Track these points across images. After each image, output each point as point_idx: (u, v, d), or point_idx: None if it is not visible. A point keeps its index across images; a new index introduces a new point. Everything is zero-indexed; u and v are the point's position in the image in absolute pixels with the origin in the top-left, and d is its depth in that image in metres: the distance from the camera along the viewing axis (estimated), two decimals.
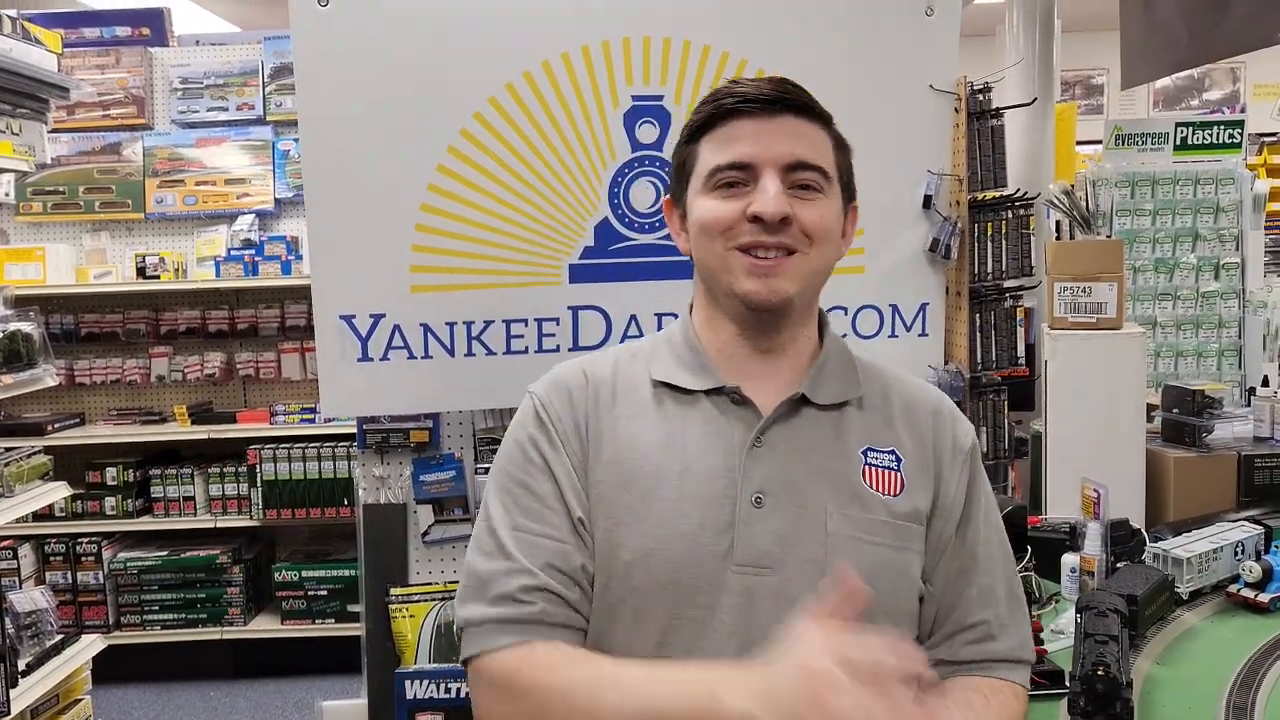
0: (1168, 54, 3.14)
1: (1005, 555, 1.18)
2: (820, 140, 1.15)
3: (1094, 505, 1.95)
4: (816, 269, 1.12)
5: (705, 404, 1.13)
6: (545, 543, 1.08)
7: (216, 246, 3.92)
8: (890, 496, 1.11)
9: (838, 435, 1.13)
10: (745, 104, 1.12)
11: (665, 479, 1.09)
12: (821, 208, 1.11)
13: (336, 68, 2.10)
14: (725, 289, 1.12)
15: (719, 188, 1.11)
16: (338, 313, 2.15)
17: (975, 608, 1.13)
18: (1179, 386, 2.37)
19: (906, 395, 1.18)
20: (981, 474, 1.19)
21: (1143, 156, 3.57)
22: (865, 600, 0.92)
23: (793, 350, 1.15)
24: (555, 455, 1.11)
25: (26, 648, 2.52)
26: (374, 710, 2.28)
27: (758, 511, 1.07)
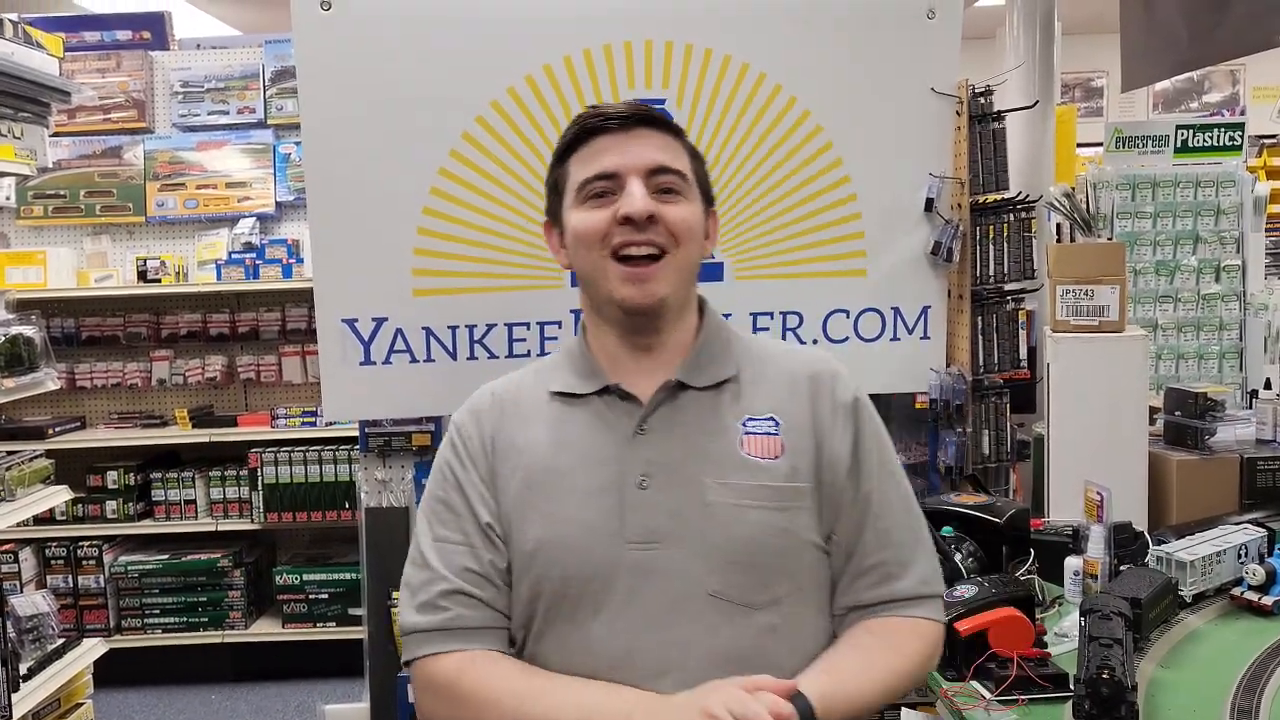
0: (1168, 56, 3.14)
1: (902, 498, 1.28)
2: (676, 149, 1.26)
3: (1097, 508, 1.95)
4: (684, 267, 1.23)
5: (595, 403, 1.25)
6: (459, 549, 1.22)
7: (217, 250, 3.92)
8: (771, 460, 1.21)
9: (717, 412, 1.24)
10: (606, 122, 1.23)
11: (561, 475, 1.22)
12: (683, 208, 1.23)
13: (338, 71, 2.11)
14: (604, 296, 1.23)
15: (589, 199, 1.22)
16: (340, 316, 2.15)
17: (873, 550, 1.23)
18: (1181, 389, 2.37)
19: (785, 365, 1.29)
20: (869, 425, 1.28)
21: (1143, 159, 3.58)
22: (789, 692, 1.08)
23: (673, 343, 1.26)
24: (464, 472, 1.26)
25: (28, 652, 2.52)
26: (376, 713, 2.28)
27: (644, 493, 1.19)
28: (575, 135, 1.25)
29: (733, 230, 2.22)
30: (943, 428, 2.34)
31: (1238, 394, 3.17)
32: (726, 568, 1.17)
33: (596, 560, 1.18)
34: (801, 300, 2.26)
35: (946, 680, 1.55)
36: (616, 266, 1.20)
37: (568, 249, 1.27)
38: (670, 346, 1.26)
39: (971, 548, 1.86)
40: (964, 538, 1.88)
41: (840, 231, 2.26)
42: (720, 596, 1.16)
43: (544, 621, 1.20)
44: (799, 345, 1.40)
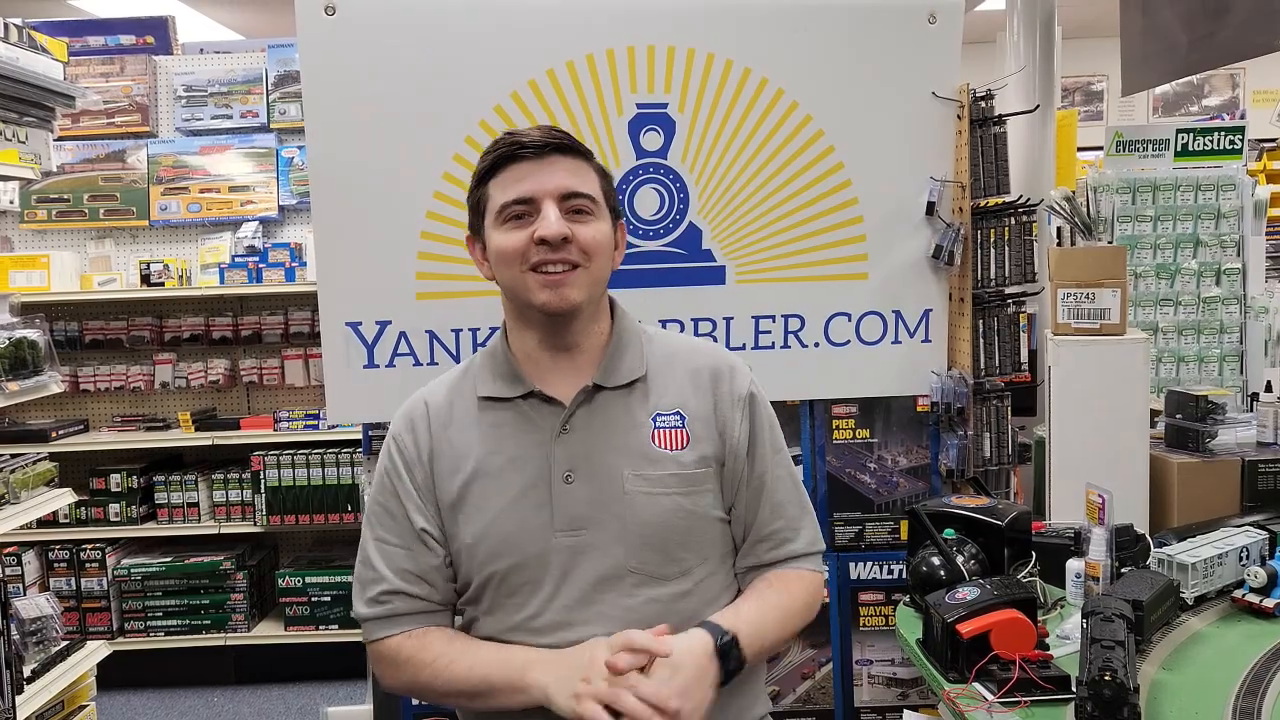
0: (1167, 60, 3.14)
1: (790, 475, 1.48)
2: (585, 172, 1.38)
3: (1098, 511, 1.95)
4: (596, 278, 1.37)
5: (521, 406, 1.39)
6: (397, 551, 1.40)
7: (220, 253, 3.93)
8: (678, 451, 1.38)
9: (629, 409, 1.39)
10: (522, 149, 1.35)
11: (493, 474, 1.37)
12: (593, 228, 1.36)
13: (342, 76, 2.12)
14: (525, 303, 1.36)
15: (509, 220, 1.35)
16: (344, 320, 2.16)
17: (769, 520, 1.44)
18: (1182, 392, 2.37)
19: (689, 362, 1.44)
20: (761, 413, 1.45)
21: (1143, 163, 3.58)
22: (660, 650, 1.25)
23: (587, 345, 1.40)
24: (401, 480, 1.41)
25: (31, 654, 2.52)
26: (378, 716, 2.28)
27: (568, 486, 1.36)
28: (494, 161, 1.36)
29: (734, 234, 2.23)
30: (944, 430, 2.35)
31: (1238, 397, 3.18)
32: (642, 548, 1.35)
33: (530, 548, 1.35)
34: (803, 303, 2.27)
35: (949, 682, 1.56)
36: (535, 276, 1.33)
37: (490, 263, 1.40)
38: (585, 348, 1.40)
39: (973, 550, 1.87)
40: (966, 540, 1.89)
41: (842, 235, 2.26)
42: (638, 571, 1.35)
43: (489, 602, 1.39)
44: (699, 340, 1.57)
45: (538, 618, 1.36)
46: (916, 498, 2.34)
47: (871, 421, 2.37)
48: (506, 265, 1.35)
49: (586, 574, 1.35)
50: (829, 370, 2.31)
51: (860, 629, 2.42)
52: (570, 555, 1.35)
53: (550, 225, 1.31)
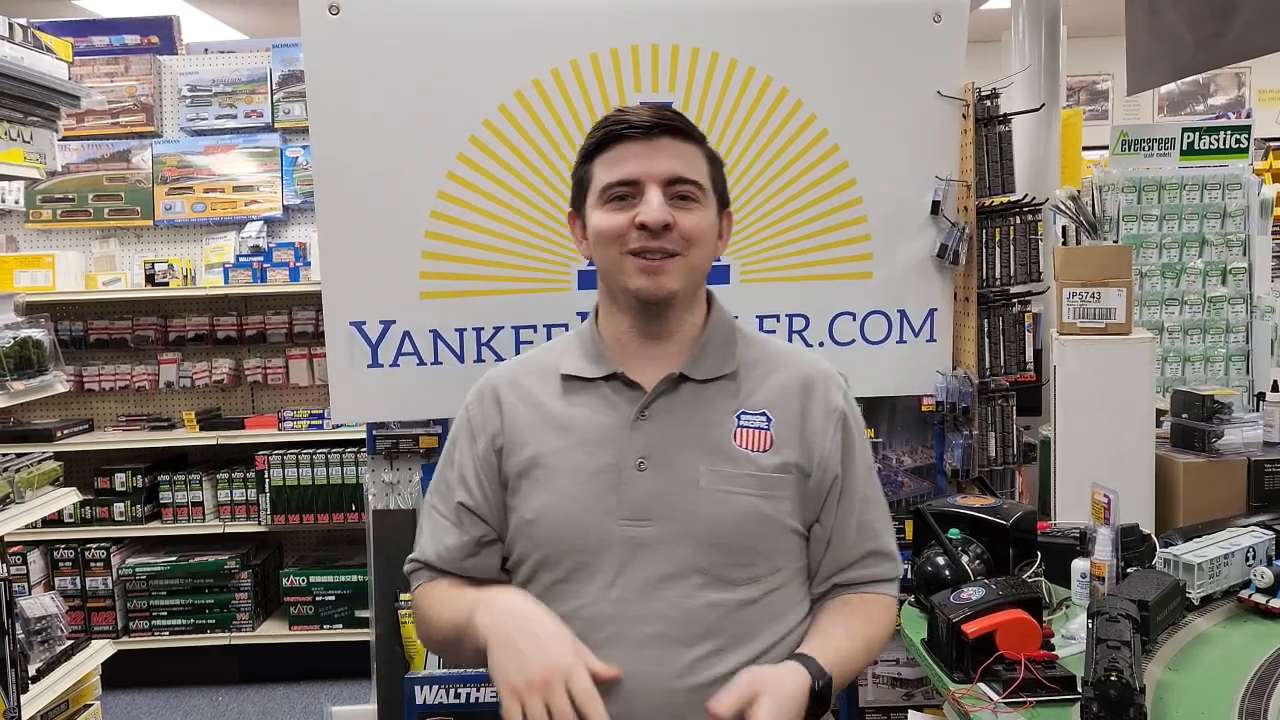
0: (1173, 60, 3.13)
1: (878, 496, 1.43)
2: (695, 157, 1.34)
3: (1104, 510, 1.95)
4: (696, 267, 1.33)
5: (603, 388, 1.35)
6: (441, 523, 1.41)
7: (225, 253, 3.93)
8: (759, 452, 1.33)
9: (713, 404, 1.34)
10: (629, 129, 1.31)
11: (565, 454, 1.33)
12: (698, 215, 1.32)
13: (347, 75, 2.12)
14: (621, 287, 1.33)
15: (611, 201, 1.31)
16: (348, 319, 2.16)
17: (858, 541, 1.38)
18: (1188, 391, 2.37)
19: (783, 365, 1.40)
20: (854, 428, 1.40)
21: (1149, 162, 3.57)
22: None
23: (679, 335, 1.36)
24: (463, 450, 1.41)
25: (36, 653, 2.53)
26: (383, 715, 2.28)
27: (640, 474, 1.30)
28: (600, 140, 1.33)
29: (739, 233, 2.23)
30: (949, 430, 2.34)
31: (1244, 396, 3.17)
32: (711, 547, 1.29)
33: (590, 533, 1.30)
34: (807, 303, 2.27)
35: (954, 682, 1.55)
36: (633, 260, 1.30)
37: (589, 241, 1.36)
38: (677, 338, 1.36)
39: (978, 550, 1.87)
40: (971, 540, 1.88)
41: (846, 234, 2.26)
42: (704, 572, 1.28)
43: (542, 585, 1.33)
44: (801, 348, 1.52)
45: (590, 607, 1.29)
46: (921, 497, 2.34)
47: (876, 421, 2.36)
48: (604, 246, 1.32)
49: (647, 568, 1.28)
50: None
51: None
52: (631, 547, 1.29)
53: (652, 211, 1.28)
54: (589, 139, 1.36)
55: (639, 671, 1.25)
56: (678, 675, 1.25)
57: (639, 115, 1.32)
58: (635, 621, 1.27)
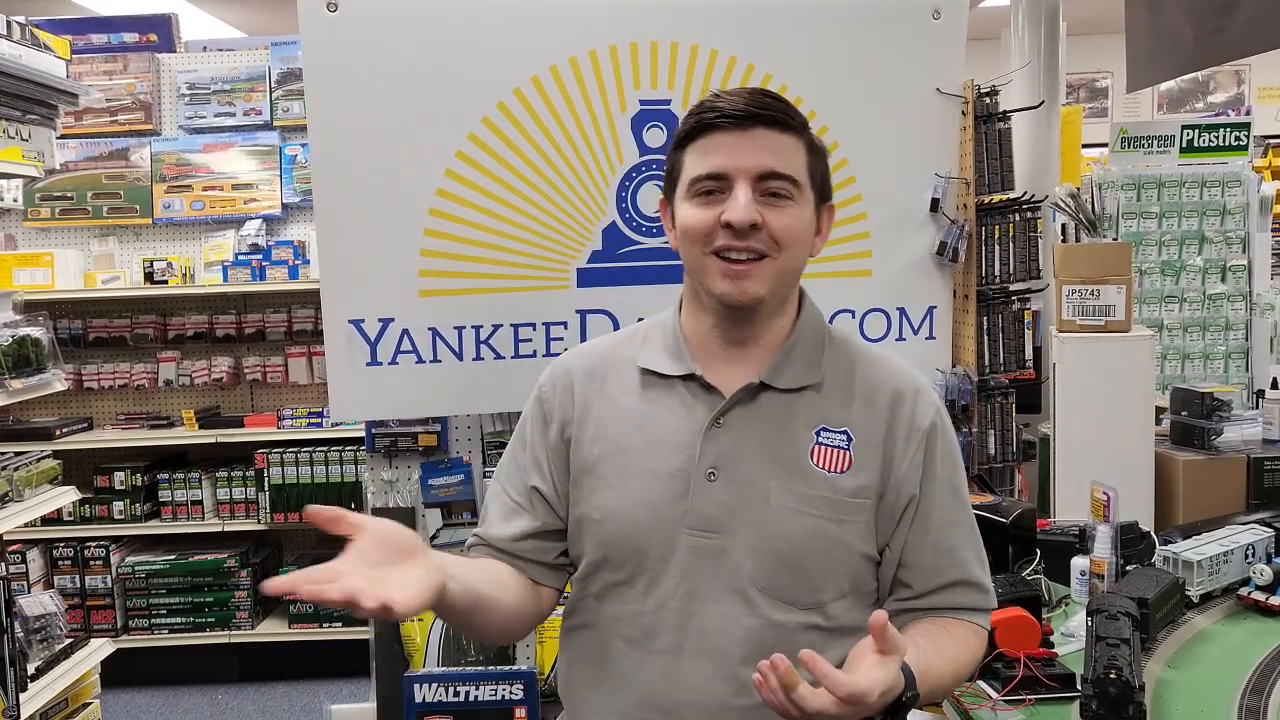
0: (1173, 57, 3.13)
1: (969, 524, 1.31)
2: (792, 149, 1.24)
3: (1103, 508, 1.95)
4: (785, 270, 1.24)
5: (680, 388, 1.28)
6: (506, 500, 1.34)
7: (224, 251, 3.93)
8: (836, 474, 1.24)
9: (792, 417, 1.26)
10: (722, 119, 1.22)
11: (636, 453, 1.27)
12: (790, 215, 1.22)
13: (345, 72, 2.11)
14: (704, 288, 1.25)
15: (698, 195, 1.23)
16: (346, 317, 2.16)
17: (934, 568, 1.26)
18: (1188, 389, 2.37)
19: (871, 377, 1.29)
20: (942, 449, 1.28)
21: (1148, 159, 3.57)
22: None
23: (764, 340, 1.28)
24: (535, 433, 1.34)
25: (36, 652, 2.53)
26: (382, 714, 2.28)
27: (710, 484, 1.23)
28: (692, 128, 1.25)
29: None
30: None
31: (1244, 394, 3.17)
32: (776, 567, 1.22)
33: (655, 540, 1.24)
34: None
35: None
36: (716, 262, 1.21)
37: (675, 233, 1.29)
38: (762, 342, 1.28)
39: None
40: None
41: (846, 232, 2.26)
42: (767, 592, 1.22)
43: (602, 581, 1.28)
44: (890, 355, 1.37)
45: (650, 615, 1.24)
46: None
47: None
48: (690, 243, 1.24)
49: (710, 581, 1.22)
50: None
51: None
52: (696, 557, 1.23)
53: (739, 209, 1.18)
54: (682, 125, 1.27)
55: (693, 685, 1.21)
56: (733, 693, 1.20)
57: (732, 103, 1.22)
58: (694, 634, 1.22)
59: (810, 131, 1.28)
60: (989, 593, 1.31)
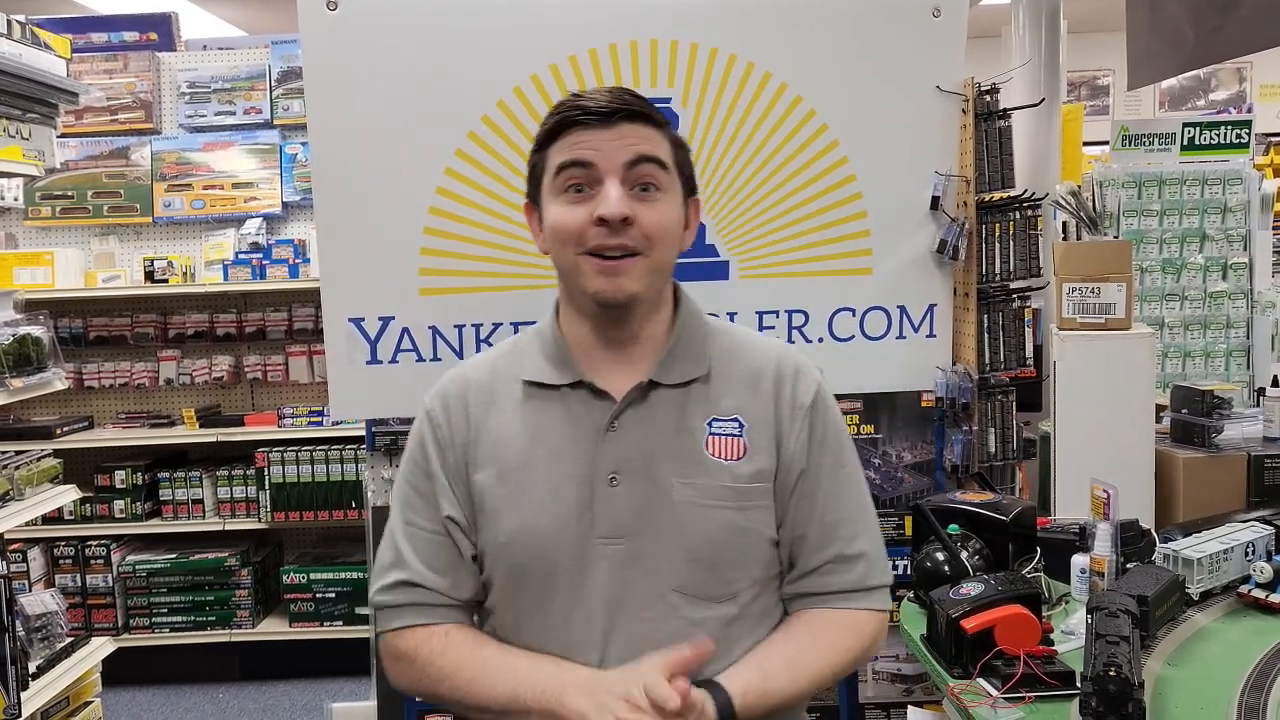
0: (1174, 55, 3.13)
1: (855, 495, 1.32)
2: (657, 139, 1.24)
3: (1103, 506, 1.95)
4: (658, 266, 1.24)
5: (568, 396, 1.27)
6: (426, 536, 1.28)
7: (224, 250, 3.93)
8: (733, 462, 1.25)
9: (684, 411, 1.26)
10: (585, 115, 1.21)
11: (534, 468, 1.25)
12: (661, 210, 1.22)
13: (345, 71, 2.11)
14: (579, 288, 1.24)
15: (566, 190, 1.22)
16: (346, 316, 2.16)
17: (819, 544, 1.28)
18: (1188, 387, 2.37)
19: (753, 362, 1.31)
20: (826, 423, 1.30)
21: (1150, 157, 3.57)
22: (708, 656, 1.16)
23: (644, 338, 1.28)
24: (436, 461, 1.29)
25: (37, 650, 2.53)
26: (383, 712, 2.28)
27: (613, 490, 1.23)
28: (554, 126, 1.23)
29: (738, 229, 2.22)
30: (949, 426, 2.34)
31: (1245, 392, 3.17)
32: (690, 565, 1.23)
33: (568, 553, 1.23)
34: (807, 299, 2.27)
35: (953, 678, 1.55)
36: (590, 260, 1.21)
37: (545, 235, 1.27)
38: (643, 340, 1.27)
39: (978, 546, 1.86)
40: (970, 536, 1.88)
41: (846, 230, 2.26)
42: (683, 591, 1.23)
43: (517, 606, 1.26)
44: (768, 338, 1.40)
45: (569, 633, 1.23)
46: (921, 493, 2.34)
47: (876, 417, 2.36)
48: (561, 244, 1.22)
49: (626, 588, 1.22)
50: (833, 366, 2.27)
51: None
52: (611, 567, 1.22)
53: (611, 204, 1.18)
54: (543, 125, 1.26)
55: None
56: None
57: (596, 100, 1.22)
58: (616, 642, 1.22)
59: (672, 129, 1.28)
60: (878, 565, 1.31)
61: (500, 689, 1.20)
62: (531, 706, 1.18)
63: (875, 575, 1.30)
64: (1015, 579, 1.70)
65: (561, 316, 1.31)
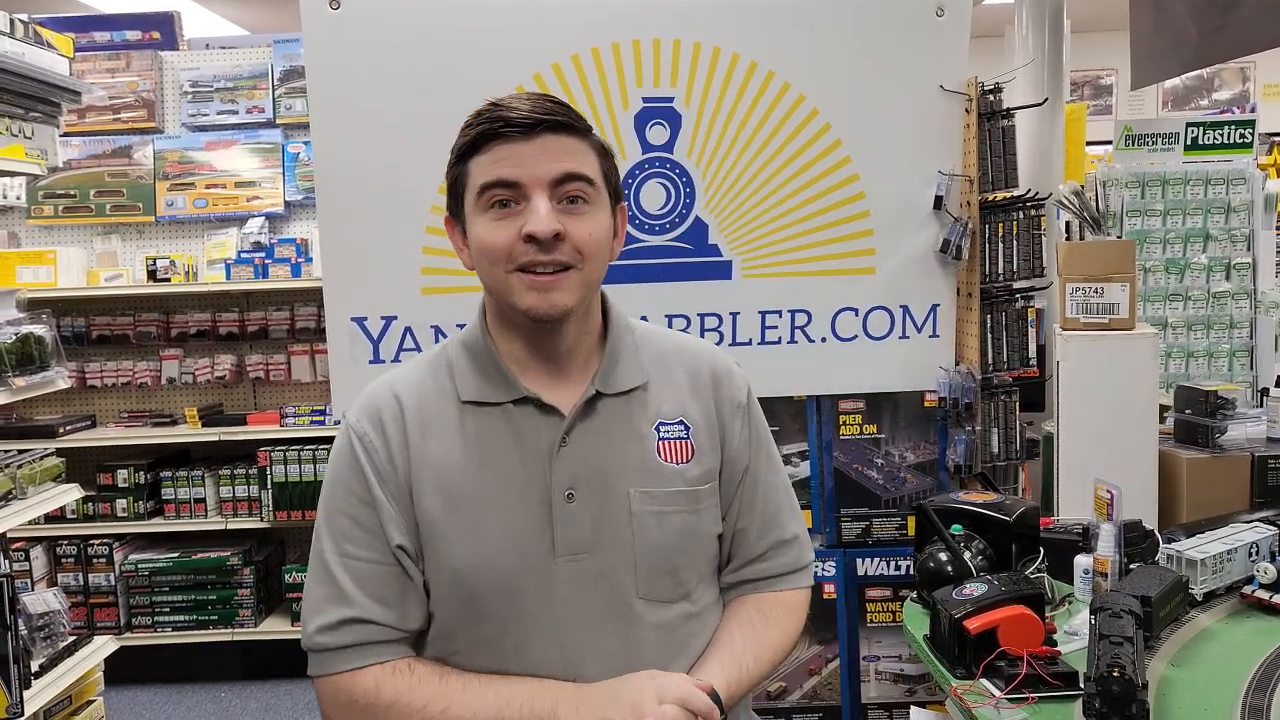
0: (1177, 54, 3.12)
1: (783, 483, 1.37)
2: (582, 151, 1.20)
3: (1107, 506, 1.94)
4: (591, 280, 1.21)
5: (513, 413, 1.22)
6: (367, 568, 1.19)
7: (226, 249, 3.93)
8: (682, 464, 1.25)
9: (631, 419, 1.25)
10: (507, 127, 1.16)
11: (485, 495, 1.19)
12: (590, 222, 1.19)
13: (348, 70, 2.11)
14: (509, 305, 1.20)
15: (492, 206, 1.17)
16: (349, 315, 2.16)
17: (761, 533, 1.32)
18: (1192, 387, 2.36)
19: (686, 364, 1.31)
20: (758, 418, 1.34)
21: (1153, 157, 3.56)
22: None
23: (580, 350, 1.25)
24: (377, 489, 1.20)
25: (39, 649, 2.53)
26: None
27: (570, 506, 1.20)
28: (475, 138, 1.18)
29: (740, 229, 2.22)
30: (952, 426, 2.34)
31: (1248, 392, 3.16)
32: (651, 572, 1.22)
33: (529, 576, 1.19)
34: (810, 298, 2.26)
35: (956, 678, 1.55)
36: (521, 277, 1.17)
37: (470, 251, 1.23)
38: (579, 353, 1.25)
39: (981, 546, 1.86)
40: (973, 536, 1.88)
41: (849, 229, 2.25)
42: (647, 598, 1.22)
43: (473, 631, 1.20)
44: (687, 337, 1.39)
45: (533, 654, 1.19)
46: (924, 493, 2.34)
47: (879, 417, 2.36)
48: (489, 263, 1.18)
49: (593, 605, 1.19)
50: (836, 365, 2.30)
51: (867, 625, 2.41)
52: (572, 583, 1.19)
53: (540, 221, 1.13)
54: (461, 136, 1.20)
55: None
56: None
57: (518, 110, 1.16)
58: (585, 656, 1.19)
59: (595, 134, 1.24)
60: (806, 544, 1.37)
61: (484, 716, 1.14)
62: None
63: (806, 553, 1.36)
64: (1018, 579, 1.70)
65: (492, 333, 1.26)
